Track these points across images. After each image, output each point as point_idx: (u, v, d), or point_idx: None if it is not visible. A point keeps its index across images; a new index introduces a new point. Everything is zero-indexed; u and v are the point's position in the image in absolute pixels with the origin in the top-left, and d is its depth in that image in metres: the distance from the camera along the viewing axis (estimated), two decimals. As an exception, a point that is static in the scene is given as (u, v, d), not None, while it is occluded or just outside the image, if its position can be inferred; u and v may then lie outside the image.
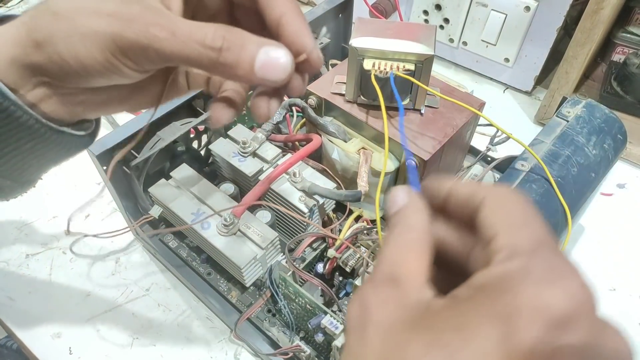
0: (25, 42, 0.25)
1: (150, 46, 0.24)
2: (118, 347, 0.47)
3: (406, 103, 0.46)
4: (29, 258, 0.53)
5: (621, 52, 0.69)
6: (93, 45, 0.24)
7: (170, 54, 0.24)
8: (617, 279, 0.52)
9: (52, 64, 0.25)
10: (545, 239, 0.19)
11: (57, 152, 0.29)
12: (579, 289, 0.18)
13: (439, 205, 0.23)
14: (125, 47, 0.24)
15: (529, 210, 0.20)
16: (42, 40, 0.25)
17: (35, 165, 0.30)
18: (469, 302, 0.18)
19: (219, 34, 0.24)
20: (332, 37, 0.60)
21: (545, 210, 0.39)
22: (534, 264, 0.18)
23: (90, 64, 0.25)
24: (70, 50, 0.24)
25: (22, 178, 0.30)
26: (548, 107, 0.66)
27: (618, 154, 0.46)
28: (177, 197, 0.46)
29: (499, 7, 0.66)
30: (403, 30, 0.44)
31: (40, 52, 0.25)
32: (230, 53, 0.24)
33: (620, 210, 0.58)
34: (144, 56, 0.24)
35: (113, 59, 0.25)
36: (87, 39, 0.24)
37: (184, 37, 0.24)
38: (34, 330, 0.47)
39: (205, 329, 0.48)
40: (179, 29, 0.24)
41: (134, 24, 0.24)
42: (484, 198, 0.21)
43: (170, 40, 0.24)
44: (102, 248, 0.54)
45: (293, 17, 0.26)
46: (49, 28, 0.25)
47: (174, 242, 0.52)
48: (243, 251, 0.43)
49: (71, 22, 0.24)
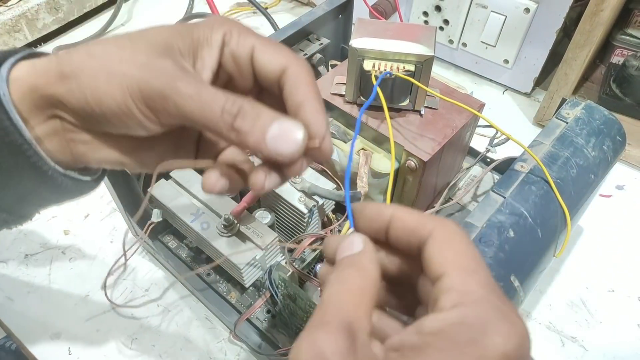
0: (51, 72, 0.25)
1: (172, 99, 0.24)
2: (117, 348, 0.47)
3: (406, 104, 0.46)
4: (28, 258, 0.53)
5: (620, 54, 0.69)
6: (116, 85, 0.25)
7: (190, 111, 0.24)
8: (615, 280, 0.52)
9: (70, 96, 0.25)
10: (491, 284, 0.20)
11: (59, 194, 0.29)
12: (525, 331, 0.19)
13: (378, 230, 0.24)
14: (147, 94, 0.25)
15: (475, 251, 0.21)
16: (69, 72, 0.25)
17: (36, 203, 0.30)
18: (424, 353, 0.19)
19: (239, 102, 0.25)
20: (332, 37, 0.60)
21: (545, 212, 0.40)
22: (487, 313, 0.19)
23: (108, 103, 0.25)
24: (92, 85, 0.25)
25: (20, 212, 0.30)
26: (547, 109, 0.66)
27: (617, 156, 0.47)
28: (176, 198, 0.46)
29: (499, 9, 0.66)
30: (403, 31, 0.44)
31: (63, 84, 0.25)
32: (244, 119, 0.25)
33: (619, 212, 0.58)
34: (163, 107, 0.25)
35: (132, 104, 0.25)
36: (112, 78, 0.25)
37: (207, 98, 0.24)
38: (33, 331, 0.47)
39: (205, 330, 0.48)
40: (204, 90, 0.25)
41: (163, 76, 0.25)
42: (431, 231, 0.22)
43: (194, 98, 0.24)
44: (101, 248, 0.54)
45: (313, 103, 0.26)
46: (80, 63, 0.25)
47: (174, 242, 0.52)
48: (242, 252, 0.43)
49: (102, 62, 0.25)
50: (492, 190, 0.40)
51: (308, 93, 0.27)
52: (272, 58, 0.28)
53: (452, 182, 0.53)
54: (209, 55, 0.28)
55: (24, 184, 0.27)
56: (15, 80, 0.26)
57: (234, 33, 0.28)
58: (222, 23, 0.28)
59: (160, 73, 0.25)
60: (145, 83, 0.24)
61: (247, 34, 0.28)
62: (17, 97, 0.26)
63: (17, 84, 0.26)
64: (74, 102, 0.25)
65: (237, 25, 0.29)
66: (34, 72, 0.26)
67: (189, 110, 0.24)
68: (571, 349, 0.48)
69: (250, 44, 0.28)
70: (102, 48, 0.26)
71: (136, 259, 0.53)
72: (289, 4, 0.86)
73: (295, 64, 0.27)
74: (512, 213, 0.38)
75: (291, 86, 0.27)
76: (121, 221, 0.53)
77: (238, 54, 0.28)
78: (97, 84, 0.25)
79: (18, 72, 0.26)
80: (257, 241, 0.43)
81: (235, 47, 0.28)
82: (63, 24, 0.77)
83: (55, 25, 0.76)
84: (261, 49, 0.28)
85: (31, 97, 0.26)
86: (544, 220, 0.39)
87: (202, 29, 0.28)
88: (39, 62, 0.26)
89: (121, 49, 0.26)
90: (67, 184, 0.29)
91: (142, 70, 0.25)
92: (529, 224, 0.38)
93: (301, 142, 0.25)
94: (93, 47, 0.26)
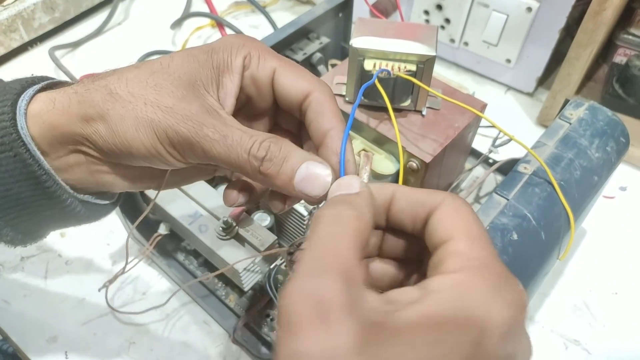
0: (74, 113, 0.25)
1: (199, 144, 0.25)
2: (114, 352, 0.46)
3: (407, 104, 0.45)
4: (24, 261, 0.52)
5: (623, 54, 0.68)
6: (145, 131, 0.25)
7: (217, 155, 0.25)
8: (619, 283, 0.52)
9: (97, 138, 0.25)
10: (495, 252, 0.21)
11: (77, 220, 0.30)
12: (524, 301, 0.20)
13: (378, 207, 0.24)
14: (175, 140, 0.25)
15: (480, 221, 0.22)
16: (94, 114, 0.25)
17: (52, 226, 0.30)
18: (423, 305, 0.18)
19: (265, 144, 0.25)
20: (331, 36, 0.60)
21: (548, 214, 0.39)
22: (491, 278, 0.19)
23: (136, 146, 0.25)
24: (119, 130, 0.25)
25: (35, 234, 0.30)
26: (550, 109, 0.65)
27: (620, 157, 0.46)
28: (174, 200, 0.45)
29: (501, 8, 0.65)
30: (404, 31, 0.43)
31: (88, 125, 0.25)
32: (272, 164, 0.25)
33: (623, 213, 0.58)
34: (191, 151, 0.25)
35: (160, 147, 0.25)
36: (140, 123, 0.25)
37: (234, 142, 0.24)
38: (29, 334, 0.47)
39: (203, 334, 0.47)
40: (230, 133, 0.25)
41: (189, 122, 0.25)
42: (442, 201, 0.22)
43: (220, 143, 0.24)
44: (98, 252, 0.53)
45: (339, 133, 0.26)
46: (104, 106, 0.25)
47: (171, 245, 0.51)
48: (241, 255, 0.42)
49: (128, 105, 0.25)
50: (495, 192, 0.39)
51: (333, 121, 0.27)
52: (295, 81, 0.27)
53: (454, 184, 0.53)
54: (231, 81, 0.28)
55: (42, 212, 0.27)
56: (34, 115, 0.26)
57: (254, 55, 0.28)
58: (242, 45, 0.28)
59: (187, 119, 0.25)
60: (172, 130, 0.25)
61: (268, 56, 0.28)
62: (37, 132, 0.26)
63: (36, 119, 0.26)
64: (100, 143, 0.25)
65: (257, 47, 0.28)
66: (54, 110, 0.26)
67: (216, 154, 0.25)
68: (574, 353, 0.47)
69: (272, 67, 0.28)
70: (124, 86, 0.25)
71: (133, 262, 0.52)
72: (287, 2, 0.86)
73: (318, 89, 0.27)
74: (516, 215, 0.38)
75: (316, 112, 0.27)
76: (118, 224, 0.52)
77: (259, 77, 0.28)
78: (125, 129, 0.25)
79: (37, 108, 0.26)
80: (256, 244, 0.42)
81: (255, 70, 0.28)
82: (59, 24, 0.77)
83: (52, 25, 0.75)
84: (283, 72, 0.28)
85: (52, 134, 0.26)
86: (548, 222, 0.39)
87: (222, 54, 0.27)
88: (58, 99, 0.26)
89: (144, 87, 0.25)
90: (85, 209, 0.29)
91: (168, 115, 0.25)
92: (532, 227, 0.38)
93: (329, 185, 0.24)
94: (113, 85, 0.25)
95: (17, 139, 0.25)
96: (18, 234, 0.28)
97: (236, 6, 0.84)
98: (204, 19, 0.80)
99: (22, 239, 0.29)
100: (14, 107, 0.25)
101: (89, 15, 0.81)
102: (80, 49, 0.76)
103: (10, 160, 0.25)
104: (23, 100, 0.26)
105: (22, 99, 0.26)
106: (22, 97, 0.26)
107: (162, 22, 0.80)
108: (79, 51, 0.76)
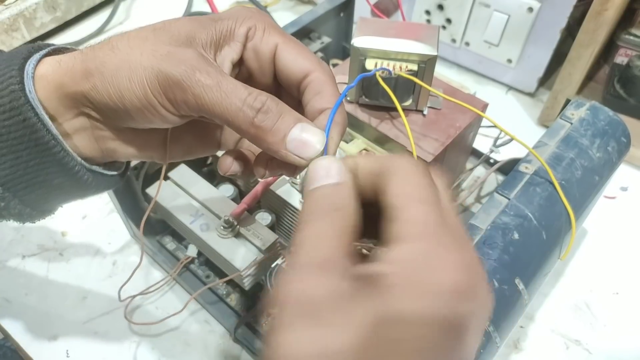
0: (76, 70, 0.25)
1: (190, 89, 0.24)
2: (115, 350, 0.46)
3: (409, 104, 0.45)
4: (25, 259, 0.52)
5: (624, 54, 0.68)
6: (136, 78, 0.24)
7: (209, 102, 0.24)
8: (620, 282, 0.52)
9: (94, 93, 0.25)
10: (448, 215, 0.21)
11: (85, 190, 0.29)
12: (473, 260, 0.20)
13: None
14: (165, 85, 0.24)
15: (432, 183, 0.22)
16: (93, 68, 0.25)
17: (60, 198, 0.30)
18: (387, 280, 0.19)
19: (262, 98, 0.24)
20: (333, 36, 0.60)
21: (549, 214, 0.39)
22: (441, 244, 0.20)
23: (129, 97, 0.25)
24: (114, 81, 0.25)
25: (43, 207, 0.30)
26: (551, 109, 0.65)
27: (621, 157, 0.46)
28: (175, 199, 0.45)
29: (502, 8, 0.65)
30: (406, 30, 0.43)
31: (87, 81, 0.25)
32: (267, 117, 0.24)
33: (624, 213, 0.58)
34: (182, 99, 0.24)
35: (151, 96, 0.25)
36: (132, 72, 0.24)
37: (228, 90, 0.24)
38: (31, 333, 0.47)
39: (204, 333, 0.47)
40: (225, 81, 0.24)
41: (182, 65, 0.24)
42: (393, 168, 0.22)
43: (213, 89, 0.24)
44: (99, 250, 0.53)
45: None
46: (103, 58, 0.25)
47: (172, 244, 0.51)
48: (243, 254, 0.42)
49: (124, 56, 0.25)
50: (497, 191, 0.39)
51: (331, 102, 0.26)
52: (296, 59, 0.27)
53: (455, 183, 0.53)
54: (231, 48, 0.27)
55: (50, 180, 0.27)
56: (41, 77, 0.26)
57: (259, 28, 0.28)
58: (248, 17, 0.28)
59: (180, 62, 0.24)
60: (162, 74, 0.24)
61: (272, 31, 0.28)
62: (43, 94, 0.25)
63: (43, 81, 0.26)
64: (98, 98, 0.25)
65: (263, 20, 0.28)
66: (59, 69, 0.26)
67: (208, 102, 0.24)
68: (575, 352, 0.47)
69: (275, 42, 0.28)
70: (125, 41, 0.25)
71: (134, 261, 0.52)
72: (289, 2, 0.86)
73: (319, 69, 0.27)
74: (517, 215, 0.38)
75: (314, 91, 0.27)
76: (120, 222, 0.52)
77: (261, 51, 0.28)
78: (119, 78, 0.24)
79: (44, 70, 0.26)
80: (257, 243, 0.42)
81: (258, 43, 0.28)
82: (61, 23, 0.77)
83: (53, 24, 0.75)
84: (285, 48, 0.27)
85: (57, 95, 0.26)
86: (549, 222, 0.39)
87: (227, 21, 0.27)
88: (64, 59, 0.26)
89: (143, 41, 0.25)
90: (93, 179, 0.29)
91: (161, 60, 0.24)
92: (533, 226, 0.38)
93: (320, 150, 0.24)
94: (116, 41, 0.26)
95: (26, 102, 0.24)
96: (26, 207, 0.28)
97: (238, 5, 0.84)
98: (205, 19, 0.80)
99: (30, 214, 0.29)
100: (22, 71, 0.25)
101: (90, 15, 0.81)
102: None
103: (20, 125, 0.25)
104: (30, 64, 0.25)
105: (29, 63, 0.25)
106: (30, 61, 0.26)
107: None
108: (80, 50, 0.76)
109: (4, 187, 0.26)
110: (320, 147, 0.24)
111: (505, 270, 0.36)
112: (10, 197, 0.27)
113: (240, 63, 0.28)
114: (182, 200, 0.45)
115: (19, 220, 0.29)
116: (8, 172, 0.26)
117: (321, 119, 0.26)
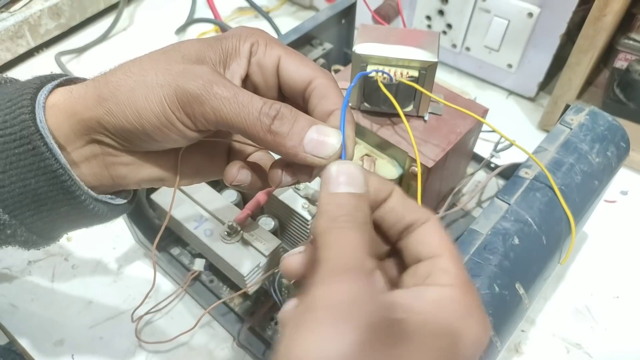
0: (89, 97, 0.26)
1: (209, 102, 0.25)
2: (120, 355, 0.46)
3: (410, 110, 0.46)
4: (31, 265, 0.53)
5: (624, 58, 0.69)
6: (154, 97, 0.25)
7: (227, 114, 0.25)
8: (620, 286, 0.52)
9: (110, 117, 0.26)
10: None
11: (91, 219, 0.30)
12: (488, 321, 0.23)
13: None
14: (184, 100, 0.25)
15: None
16: (107, 92, 0.26)
17: (66, 226, 0.30)
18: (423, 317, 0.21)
19: (277, 106, 0.25)
20: (334, 42, 0.60)
21: (549, 219, 0.39)
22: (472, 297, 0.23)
23: (147, 116, 0.25)
24: (130, 101, 0.25)
25: (49, 235, 0.30)
26: (551, 114, 0.66)
27: (621, 162, 0.46)
28: (179, 204, 0.46)
29: (502, 13, 0.66)
30: (406, 37, 0.44)
31: (101, 106, 0.26)
32: (282, 123, 0.25)
33: (624, 217, 0.58)
34: (200, 112, 0.25)
35: (169, 112, 0.25)
36: (149, 91, 0.25)
37: (244, 101, 0.25)
38: (37, 338, 0.47)
39: (208, 337, 0.48)
40: (240, 93, 0.25)
41: (199, 79, 0.25)
42: (429, 218, 0.25)
43: (230, 101, 0.25)
44: (104, 255, 0.54)
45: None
46: (117, 83, 0.26)
47: (176, 249, 0.52)
48: (246, 259, 0.42)
49: (139, 78, 0.25)
50: (497, 197, 0.40)
51: (338, 103, 0.27)
52: (299, 68, 0.28)
53: (456, 188, 0.53)
54: (238, 65, 0.28)
55: (57, 208, 0.28)
56: (53, 106, 0.26)
57: (261, 43, 0.29)
58: (250, 34, 0.29)
59: (197, 77, 0.25)
60: (181, 89, 0.25)
61: (274, 45, 0.29)
62: (54, 123, 0.26)
63: (54, 110, 0.26)
64: (113, 122, 0.26)
65: (264, 36, 0.29)
66: (71, 98, 0.26)
67: (226, 113, 0.25)
68: (576, 356, 0.47)
69: (277, 54, 0.28)
70: (138, 65, 0.26)
71: (139, 266, 0.53)
72: (291, 7, 0.86)
73: (322, 75, 0.28)
74: (517, 220, 0.38)
75: (320, 95, 0.27)
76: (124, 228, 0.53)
77: (265, 64, 0.29)
78: (135, 99, 0.25)
79: (55, 99, 0.27)
80: (260, 248, 0.43)
81: (262, 57, 0.29)
82: (65, 30, 0.77)
83: (58, 30, 0.76)
84: (287, 59, 0.28)
85: (69, 123, 0.26)
86: (549, 227, 0.39)
87: (231, 40, 0.28)
88: (75, 88, 0.27)
89: (156, 62, 0.26)
90: (100, 208, 0.29)
91: (178, 77, 0.25)
92: (533, 231, 0.38)
93: (338, 148, 0.25)
94: (129, 66, 0.26)
95: (36, 131, 0.25)
96: (32, 234, 0.29)
97: (240, 12, 0.85)
98: (208, 25, 0.81)
99: (35, 241, 0.29)
100: (34, 101, 0.26)
101: (94, 21, 0.82)
102: (85, 55, 0.77)
103: (29, 153, 0.25)
104: (42, 94, 0.26)
105: (41, 93, 0.26)
106: (42, 91, 0.26)
107: (167, 28, 0.80)
108: (84, 57, 0.77)
109: (11, 214, 0.27)
110: (338, 145, 0.25)
111: (506, 275, 0.36)
112: (17, 225, 0.27)
113: (246, 78, 0.29)
114: (186, 206, 0.46)
115: (24, 247, 0.30)
116: (16, 200, 0.26)
117: (332, 120, 0.27)
